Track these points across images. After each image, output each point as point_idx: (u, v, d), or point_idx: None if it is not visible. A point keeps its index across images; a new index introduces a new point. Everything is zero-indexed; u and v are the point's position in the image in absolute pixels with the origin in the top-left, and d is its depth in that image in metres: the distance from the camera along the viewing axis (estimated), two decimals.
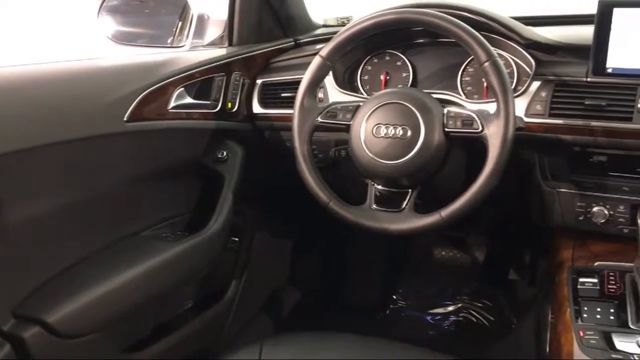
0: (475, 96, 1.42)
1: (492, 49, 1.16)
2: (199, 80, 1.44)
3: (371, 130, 1.23)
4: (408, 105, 1.21)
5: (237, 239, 1.66)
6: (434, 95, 1.34)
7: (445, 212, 1.17)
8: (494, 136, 1.14)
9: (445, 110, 1.22)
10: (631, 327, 1.05)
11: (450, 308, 2.07)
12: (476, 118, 1.17)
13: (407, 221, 1.21)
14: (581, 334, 1.05)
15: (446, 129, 1.20)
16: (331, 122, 1.29)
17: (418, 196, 1.26)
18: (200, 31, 1.65)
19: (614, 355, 1.00)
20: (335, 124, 1.29)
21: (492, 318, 1.99)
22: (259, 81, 1.59)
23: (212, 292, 1.61)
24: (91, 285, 1.19)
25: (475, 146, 1.19)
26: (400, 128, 1.20)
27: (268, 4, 1.65)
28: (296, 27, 1.77)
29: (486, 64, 1.15)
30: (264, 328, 1.87)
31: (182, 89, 1.39)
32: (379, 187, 1.28)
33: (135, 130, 1.26)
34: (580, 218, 1.31)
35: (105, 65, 1.34)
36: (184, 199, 1.51)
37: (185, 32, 1.61)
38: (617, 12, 1.20)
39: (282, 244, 2.00)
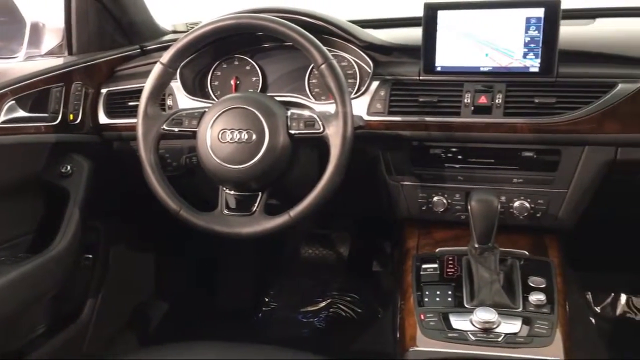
0: (323, 97, 1.46)
1: (327, 51, 1.20)
2: (35, 92, 1.36)
3: (217, 136, 1.23)
4: (251, 109, 1.22)
5: (90, 256, 1.59)
6: (282, 99, 1.37)
7: (294, 212, 1.20)
8: (335, 136, 1.18)
9: (289, 113, 1.24)
10: (466, 306, 1.14)
11: (321, 305, 2.11)
12: (317, 119, 1.21)
13: (258, 224, 1.23)
14: (422, 317, 1.12)
15: (290, 131, 1.23)
16: (177, 129, 1.27)
17: (271, 198, 1.28)
18: (36, 40, 1.56)
19: (450, 334, 1.07)
20: (181, 132, 1.28)
21: (359, 310, 2.06)
22: (104, 90, 1.54)
23: (65, 314, 1.52)
24: None
25: (324, 146, 1.22)
26: (245, 132, 1.21)
27: (107, 10, 1.59)
28: (142, 33, 1.73)
29: (322, 66, 1.19)
30: (128, 346, 1.80)
31: (13, 101, 1.30)
32: (230, 192, 1.28)
33: None
34: (423, 208, 1.40)
35: None
36: (25, 219, 1.41)
37: (19, 42, 1.52)
38: (441, 14, 1.29)
39: (144, 256, 1.94)
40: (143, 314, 1.93)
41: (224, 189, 1.28)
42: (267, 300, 2.14)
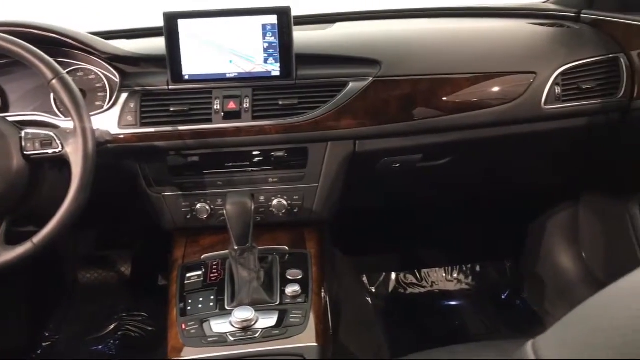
0: None
1: (57, 65, 1.14)
2: None
3: None
4: None
5: None
6: (20, 118, 1.29)
7: (37, 238, 1.12)
8: (75, 154, 1.13)
9: (23, 133, 1.16)
10: (227, 308, 1.16)
11: (108, 329, 2.01)
12: (55, 137, 1.15)
13: None
14: (184, 326, 1.12)
15: (25, 152, 1.14)
16: None
17: (21, 225, 1.19)
18: None
19: (210, 339, 1.09)
20: None
21: (149, 328, 1.99)
22: None
23: None
24: None
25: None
26: None
27: None
28: None
29: (53, 81, 1.12)
30: None
31: None
32: None
33: None
34: (188, 217, 1.40)
35: None
36: None
37: None
38: (182, 23, 1.30)
39: None
40: None
41: None
42: (46, 334, 1.98)
